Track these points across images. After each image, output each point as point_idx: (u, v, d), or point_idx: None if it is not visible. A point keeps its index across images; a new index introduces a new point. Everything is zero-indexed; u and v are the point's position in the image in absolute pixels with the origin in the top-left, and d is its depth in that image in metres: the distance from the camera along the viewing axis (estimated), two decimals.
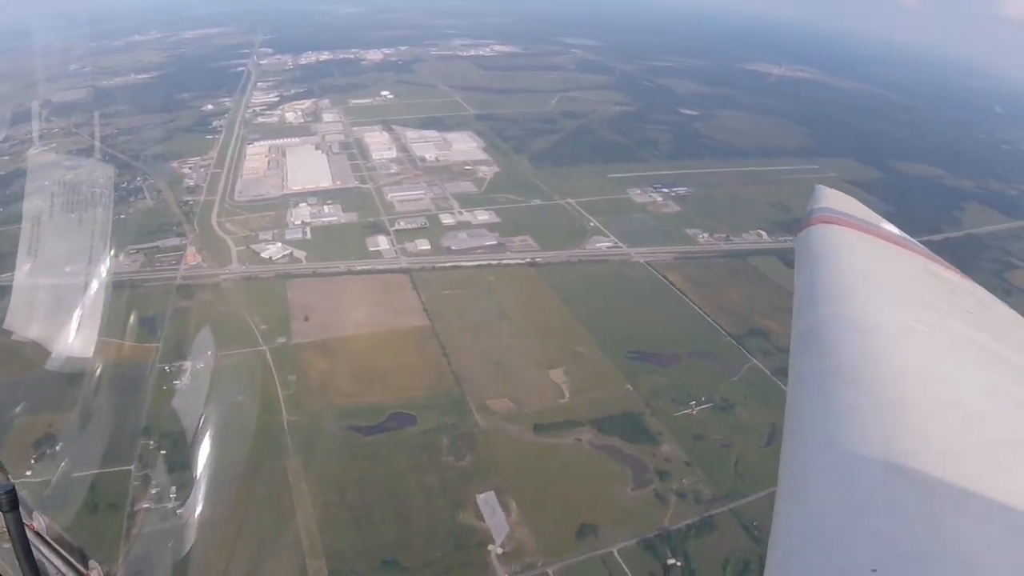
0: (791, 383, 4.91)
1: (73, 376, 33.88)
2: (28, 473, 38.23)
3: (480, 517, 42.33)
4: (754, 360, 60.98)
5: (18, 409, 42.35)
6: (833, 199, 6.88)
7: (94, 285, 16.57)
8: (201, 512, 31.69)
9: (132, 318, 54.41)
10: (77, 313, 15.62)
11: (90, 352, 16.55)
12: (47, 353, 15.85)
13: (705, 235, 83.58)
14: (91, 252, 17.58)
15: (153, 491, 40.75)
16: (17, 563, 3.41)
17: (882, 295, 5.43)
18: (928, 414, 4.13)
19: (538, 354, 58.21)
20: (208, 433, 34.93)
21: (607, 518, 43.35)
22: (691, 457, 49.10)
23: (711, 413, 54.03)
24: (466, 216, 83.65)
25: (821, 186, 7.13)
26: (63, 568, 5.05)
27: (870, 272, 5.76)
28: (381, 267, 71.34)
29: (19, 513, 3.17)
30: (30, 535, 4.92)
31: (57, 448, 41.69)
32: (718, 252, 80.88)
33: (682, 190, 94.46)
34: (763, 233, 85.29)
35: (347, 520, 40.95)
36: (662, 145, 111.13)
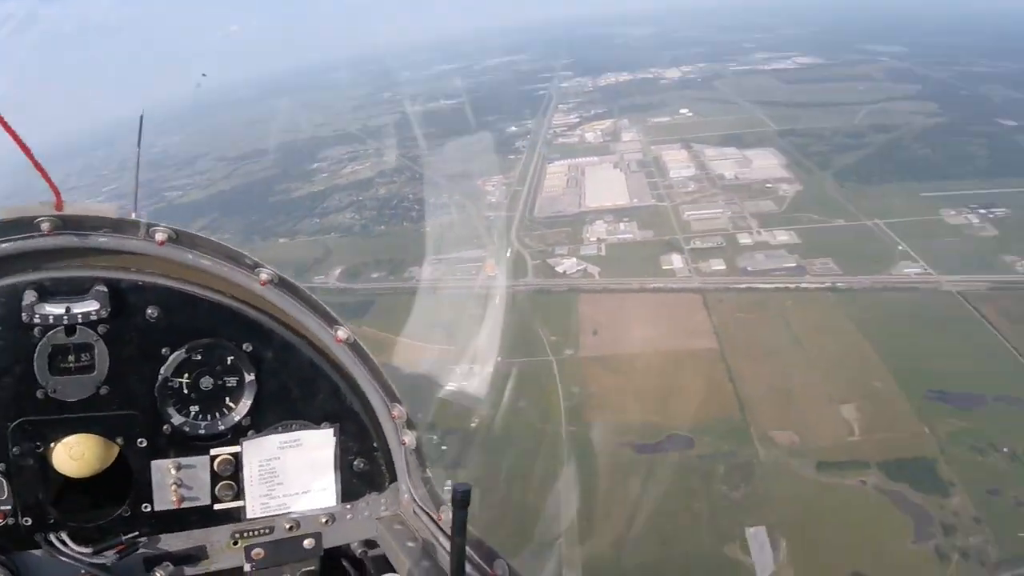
0: None
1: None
2: None
3: (747, 551, 43.20)
4: None
5: None
6: None
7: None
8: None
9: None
10: None
11: None
12: None
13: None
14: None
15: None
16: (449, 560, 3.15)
17: None
18: None
19: (830, 386, 56.82)
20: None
21: (881, 570, 42.61)
22: (982, 513, 45.94)
23: (1011, 465, 49.64)
24: (764, 236, 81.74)
25: None
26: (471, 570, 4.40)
27: None
28: (673, 286, 72.31)
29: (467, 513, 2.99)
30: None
31: None
32: None
33: (1001, 211, 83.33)
34: None
35: (609, 538, 42.62)
36: (979, 160, 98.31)
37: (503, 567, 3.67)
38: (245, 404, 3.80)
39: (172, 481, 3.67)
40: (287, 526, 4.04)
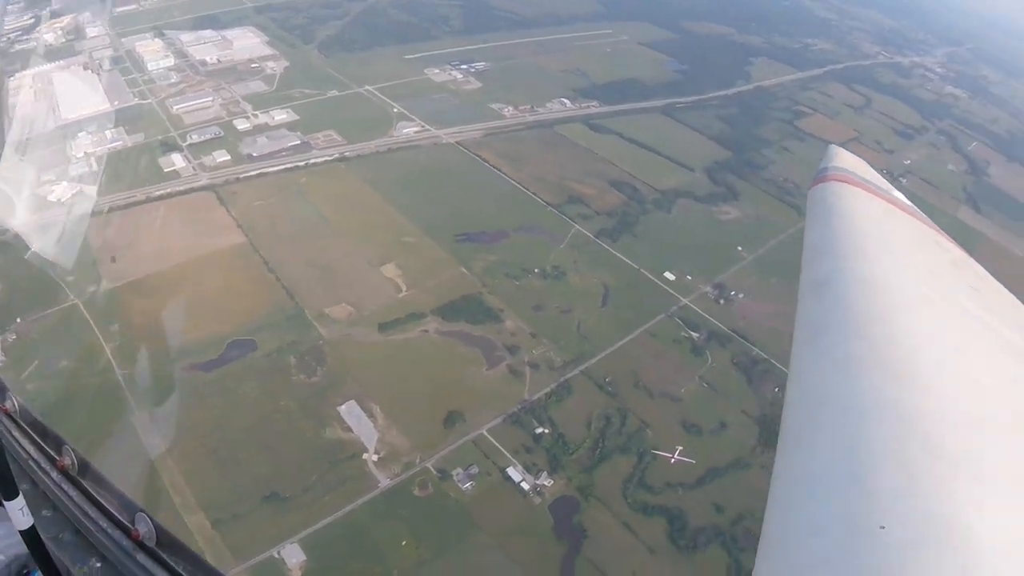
0: (797, 332, 4.85)
1: None
2: None
3: (347, 429, 42.37)
4: (576, 226, 64.01)
5: None
6: (846, 159, 6.77)
7: None
8: None
9: None
10: None
11: None
12: None
13: (510, 108, 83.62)
14: None
15: None
16: None
17: (893, 257, 5.47)
18: (938, 378, 4.12)
19: (366, 252, 56.96)
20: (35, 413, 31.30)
21: (469, 402, 45.07)
22: (535, 328, 51.60)
23: (544, 282, 56.56)
24: (262, 118, 76.65)
25: (835, 146, 7.02)
26: (34, 453, 4.87)
27: (881, 234, 5.83)
28: (182, 188, 64.36)
29: None
30: (2, 417, 4.83)
31: None
32: (525, 124, 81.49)
33: (480, 65, 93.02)
34: (566, 101, 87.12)
35: (213, 465, 39.22)
36: (454, 21, 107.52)
37: (70, 454, 4.31)
38: None
39: None
40: None
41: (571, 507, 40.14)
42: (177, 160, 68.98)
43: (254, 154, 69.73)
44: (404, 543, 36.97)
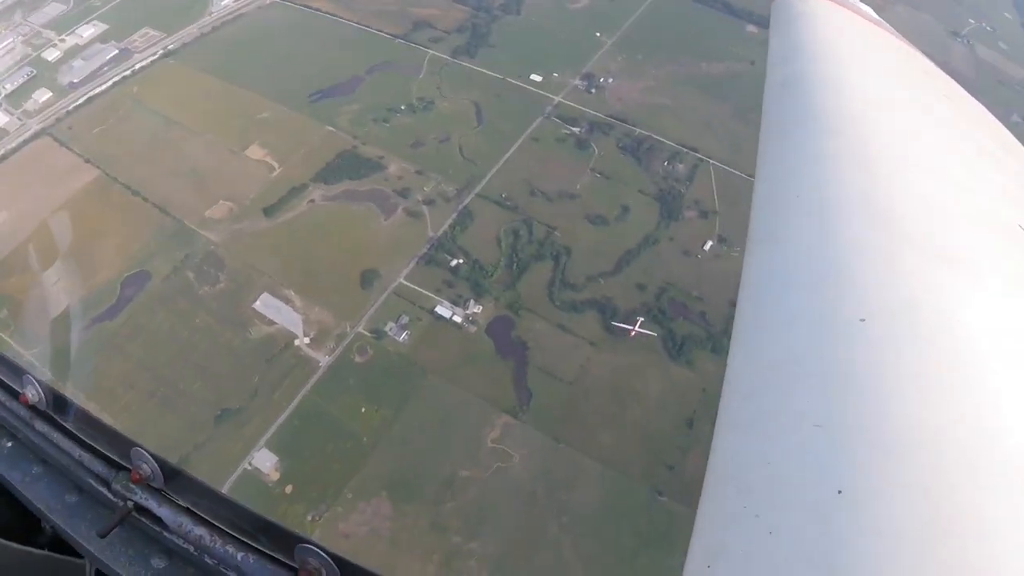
0: (764, 132, 4.67)
1: None
2: None
3: (270, 322, 41.45)
4: (430, 51, 60.99)
5: None
6: None
7: None
8: None
9: None
10: None
11: None
12: None
13: None
14: None
15: None
16: None
17: (862, 61, 5.31)
18: (912, 173, 4.06)
19: (226, 142, 52.90)
20: None
21: (379, 257, 44.68)
22: (419, 165, 50.51)
23: (415, 117, 54.66)
24: (71, 40, 66.55)
25: None
26: None
27: (850, 40, 5.60)
28: (14, 144, 56.39)
29: None
30: None
31: None
32: None
33: None
34: None
35: (157, 407, 37.78)
36: None
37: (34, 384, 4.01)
38: None
39: None
40: None
41: (506, 325, 41.53)
42: None
43: (75, 80, 61.07)
44: (363, 410, 37.70)
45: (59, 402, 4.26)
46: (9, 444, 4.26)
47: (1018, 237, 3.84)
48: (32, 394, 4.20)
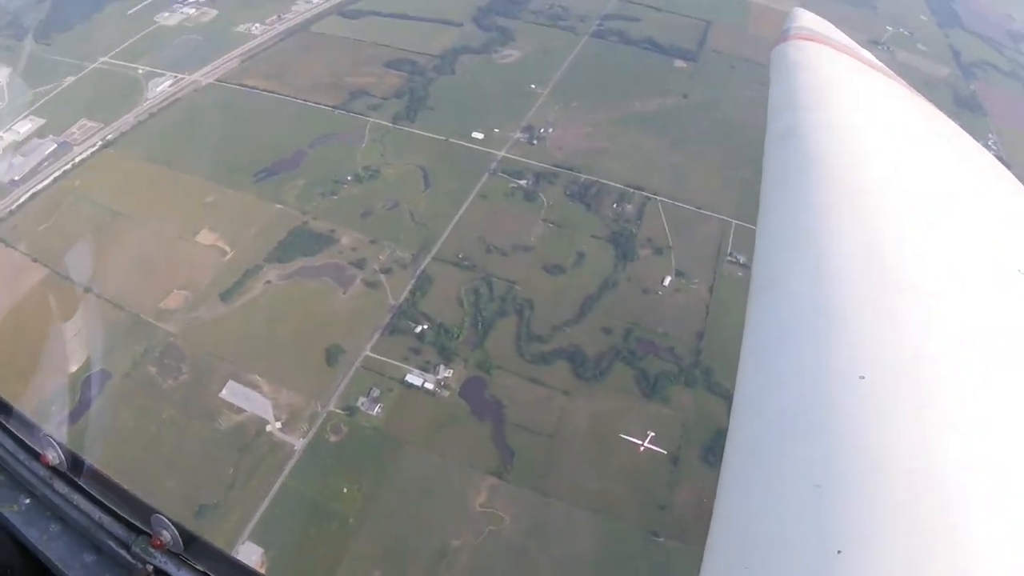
0: (765, 181, 4.71)
1: None
2: None
3: (238, 410, 40.51)
4: (370, 119, 61.73)
5: None
6: (811, 21, 6.50)
7: None
8: None
9: None
10: None
11: None
12: None
13: (257, 25, 75.99)
14: None
15: None
16: None
17: (861, 107, 5.32)
18: (913, 222, 4.04)
19: (174, 229, 51.98)
20: None
21: (341, 331, 44.22)
22: (372, 234, 50.53)
23: (363, 186, 54.86)
24: (8, 137, 65.20)
25: (799, 8, 6.65)
26: (12, 447, 4.76)
27: (848, 84, 5.64)
28: None
29: None
30: None
31: None
32: (278, 35, 74.86)
33: None
34: None
35: None
36: None
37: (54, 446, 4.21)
38: None
39: None
40: None
41: (479, 386, 41.38)
42: None
43: (16, 178, 59.65)
44: (345, 491, 36.86)
45: (77, 464, 4.46)
46: (27, 501, 4.37)
47: (1019, 283, 3.85)
48: (52, 456, 4.41)
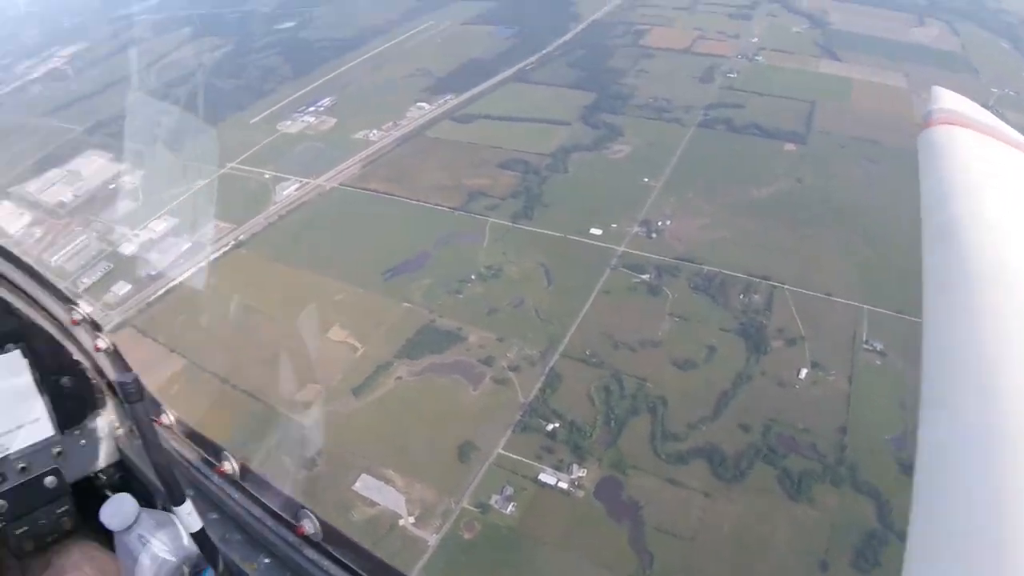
0: (927, 283, 4.41)
1: None
2: None
3: (372, 503, 41.08)
4: (490, 219, 63.76)
5: None
6: (953, 101, 6.31)
7: None
8: None
9: None
10: None
11: None
12: None
13: (374, 131, 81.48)
14: None
15: None
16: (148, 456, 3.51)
17: (1017, 197, 5.05)
18: None
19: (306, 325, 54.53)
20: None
21: (473, 428, 44.50)
22: (499, 332, 51.31)
23: (487, 285, 56.19)
24: (144, 235, 71.45)
25: (939, 87, 6.51)
26: (196, 461, 5.11)
27: (1001, 174, 5.42)
28: (99, 345, 59.37)
29: (147, 404, 3.24)
30: (159, 429, 4.92)
31: None
32: (395, 141, 79.82)
33: (327, 102, 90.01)
34: (423, 105, 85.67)
35: None
36: (280, 69, 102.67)
37: (229, 460, 4.57)
38: None
39: None
40: (19, 467, 4.16)
41: (614, 486, 40.39)
42: (81, 309, 63.23)
43: (152, 273, 65.52)
44: None
45: (245, 473, 4.93)
46: (215, 516, 4.81)
47: None
48: (228, 467, 4.89)
